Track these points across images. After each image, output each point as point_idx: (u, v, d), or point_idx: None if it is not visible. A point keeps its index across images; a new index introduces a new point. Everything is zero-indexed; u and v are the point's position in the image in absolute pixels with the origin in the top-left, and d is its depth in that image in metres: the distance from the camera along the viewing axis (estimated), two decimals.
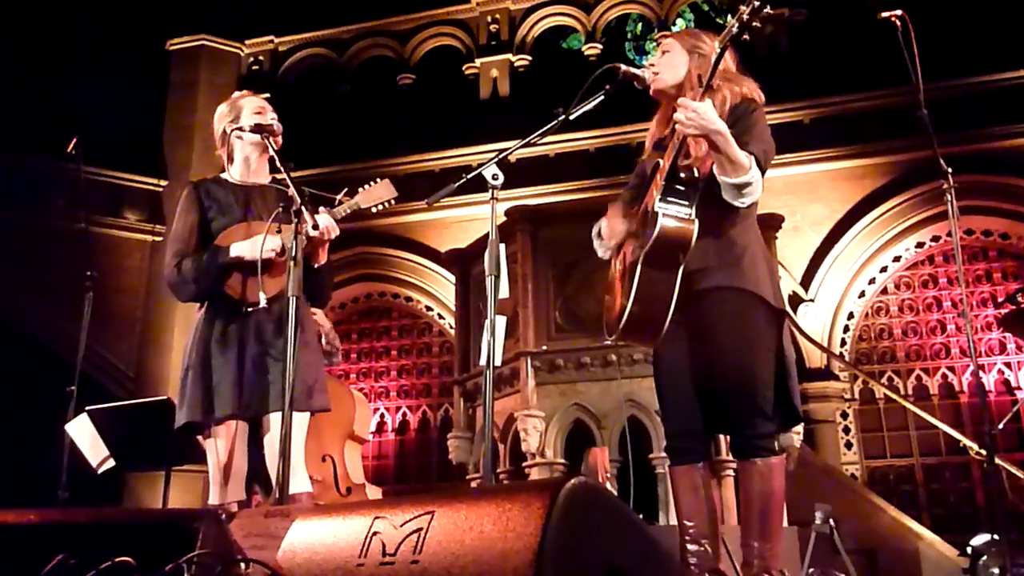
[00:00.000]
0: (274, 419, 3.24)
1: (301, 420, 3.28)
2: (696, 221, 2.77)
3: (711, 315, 2.88)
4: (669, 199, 2.79)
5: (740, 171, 2.75)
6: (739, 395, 2.83)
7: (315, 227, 3.21)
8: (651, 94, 3.08)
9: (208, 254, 3.37)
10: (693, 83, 2.93)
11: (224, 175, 3.60)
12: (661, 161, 2.88)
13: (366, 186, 3.46)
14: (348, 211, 3.40)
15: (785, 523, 6.10)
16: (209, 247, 3.39)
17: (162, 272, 3.66)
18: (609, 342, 3.11)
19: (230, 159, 3.58)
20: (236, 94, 3.69)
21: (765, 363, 2.88)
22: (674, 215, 2.76)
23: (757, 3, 2.63)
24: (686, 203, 2.79)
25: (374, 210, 3.44)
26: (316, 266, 3.39)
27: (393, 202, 3.45)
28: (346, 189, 3.45)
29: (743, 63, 3.12)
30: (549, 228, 6.38)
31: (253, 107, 3.56)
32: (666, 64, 3.04)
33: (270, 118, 3.52)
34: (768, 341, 2.91)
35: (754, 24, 2.66)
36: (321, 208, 3.35)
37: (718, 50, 2.74)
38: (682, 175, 2.81)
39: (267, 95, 12.13)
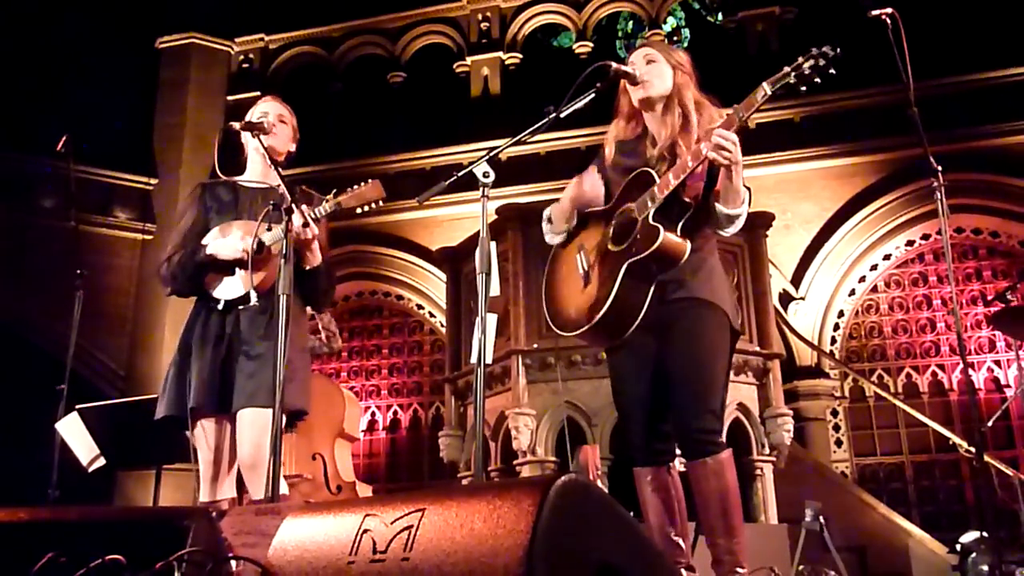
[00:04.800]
0: (244, 416, 3.23)
1: (270, 418, 3.26)
2: (689, 241, 2.88)
3: (682, 321, 2.96)
4: (666, 215, 2.87)
5: (739, 203, 2.87)
6: (696, 391, 2.90)
7: (305, 225, 3.21)
8: (637, 102, 3.10)
9: (188, 251, 3.41)
10: (684, 100, 3.04)
11: (236, 177, 3.62)
12: (653, 172, 2.95)
13: (354, 186, 3.44)
14: (328, 210, 3.38)
15: (775, 520, 6.14)
16: (192, 245, 3.42)
17: (153, 270, 3.68)
18: (566, 336, 3.15)
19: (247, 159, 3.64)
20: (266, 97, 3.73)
21: (723, 369, 3.00)
22: (673, 232, 2.86)
23: (823, 61, 2.67)
24: (677, 222, 2.88)
25: (359, 211, 3.41)
26: (308, 268, 3.38)
27: (381, 203, 3.43)
28: (335, 190, 3.43)
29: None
30: (540, 226, 6.38)
31: (263, 108, 3.60)
32: (655, 74, 3.09)
33: (259, 115, 3.54)
34: (727, 354, 3.03)
35: (815, 80, 2.70)
36: (304, 208, 3.34)
37: (768, 92, 2.76)
38: (685, 198, 2.90)
39: (257, 93, 12.17)
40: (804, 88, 2.76)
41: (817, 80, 2.73)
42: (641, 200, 2.92)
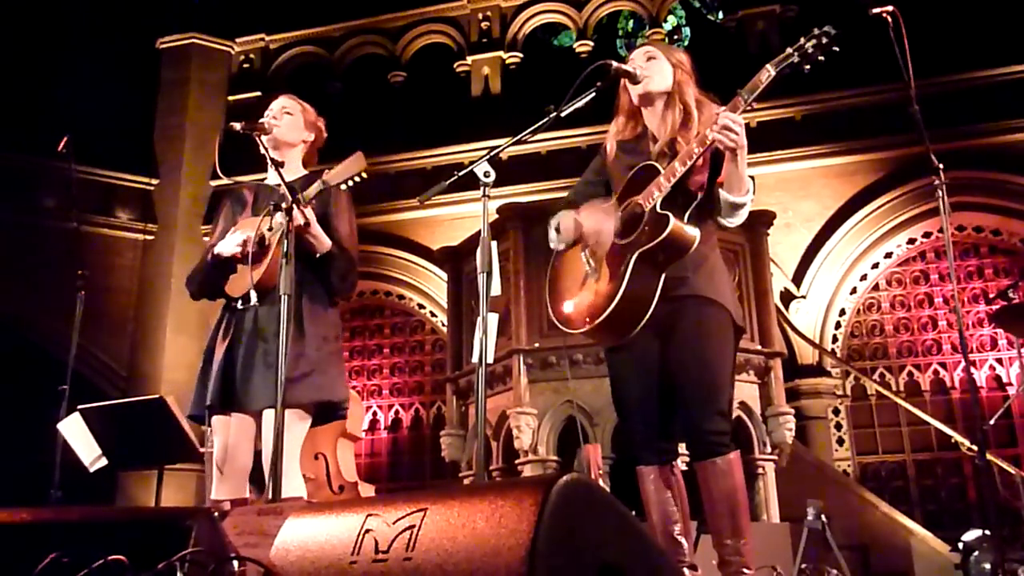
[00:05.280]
0: (267, 416, 3.24)
1: (294, 418, 3.26)
2: (698, 230, 2.85)
3: (686, 320, 2.94)
4: (672, 206, 2.85)
5: (744, 191, 2.85)
6: (705, 392, 2.89)
7: (307, 224, 3.23)
8: (637, 98, 3.09)
9: (203, 255, 3.47)
10: (684, 97, 3.03)
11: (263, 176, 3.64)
12: (657, 164, 2.93)
13: (331, 167, 3.43)
14: (316, 190, 3.35)
15: (777, 519, 6.14)
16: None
17: (154, 271, 3.73)
18: (573, 333, 3.12)
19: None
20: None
21: (729, 368, 2.98)
22: (681, 220, 2.84)
23: (826, 39, 2.70)
24: (683, 212, 2.87)
25: (344, 187, 3.37)
26: (318, 256, 3.38)
27: (364, 175, 3.35)
28: (324, 169, 3.43)
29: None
30: (541, 225, 6.32)
31: (270, 107, 3.64)
32: (656, 70, 3.07)
33: (266, 112, 3.59)
34: (732, 352, 3.01)
35: (819, 58, 2.73)
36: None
37: (773, 73, 2.80)
38: (690, 188, 2.88)
39: (258, 93, 12.19)
40: (808, 67, 2.76)
41: (821, 58, 2.74)
42: (647, 191, 2.90)
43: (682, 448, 3.29)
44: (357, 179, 3.33)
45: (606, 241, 2.98)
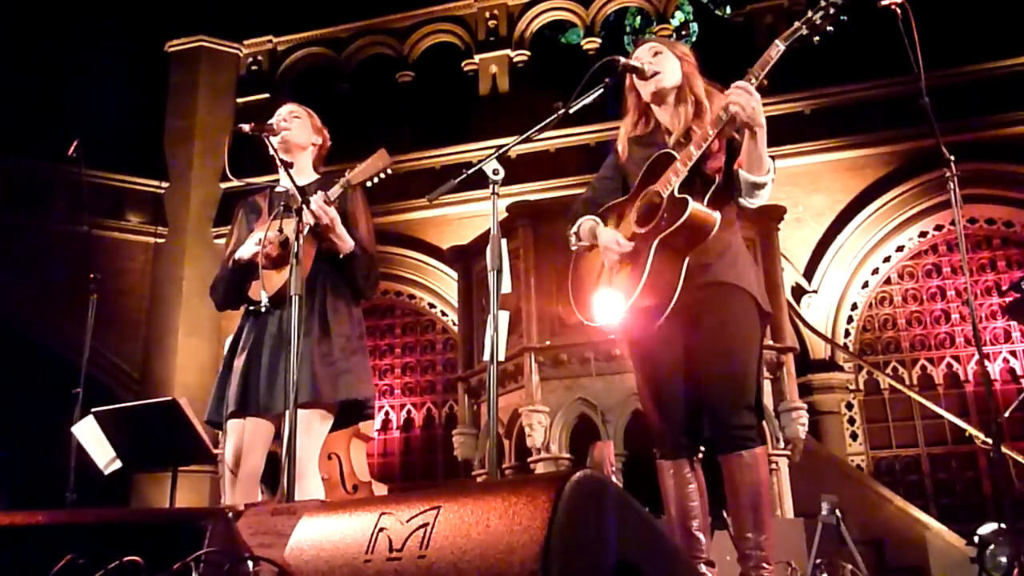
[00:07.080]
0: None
1: (316, 419, 3.27)
2: (718, 213, 2.81)
3: (710, 311, 2.90)
4: (690, 190, 2.81)
5: (764, 170, 2.81)
6: (730, 385, 2.86)
7: (330, 225, 3.24)
8: (649, 96, 3.07)
9: (224, 263, 3.50)
10: (696, 89, 3.02)
11: (275, 178, 3.65)
12: (673, 152, 2.91)
13: (357, 165, 3.43)
14: (339, 190, 3.36)
15: (791, 514, 6.12)
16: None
17: (165, 274, 3.73)
18: (598, 326, 3.08)
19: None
20: None
21: (756, 359, 2.94)
22: (700, 203, 2.80)
23: (832, 10, 2.68)
24: (702, 196, 2.82)
25: (369, 184, 3.38)
26: (342, 256, 3.39)
27: (390, 171, 3.36)
28: (346, 169, 3.44)
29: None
30: (551, 223, 6.37)
31: (278, 112, 3.65)
32: (664, 65, 3.05)
33: (275, 116, 3.59)
34: (759, 340, 2.98)
35: (827, 29, 2.72)
36: (319, 192, 3.35)
37: (782, 48, 2.78)
38: (707, 172, 2.85)
39: (266, 95, 12.22)
40: (817, 39, 2.74)
41: (829, 29, 2.72)
42: (664, 178, 2.86)
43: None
44: (382, 175, 3.35)
45: (624, 242, 2.95)
